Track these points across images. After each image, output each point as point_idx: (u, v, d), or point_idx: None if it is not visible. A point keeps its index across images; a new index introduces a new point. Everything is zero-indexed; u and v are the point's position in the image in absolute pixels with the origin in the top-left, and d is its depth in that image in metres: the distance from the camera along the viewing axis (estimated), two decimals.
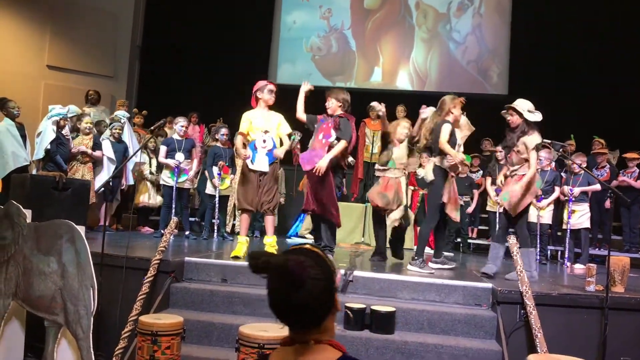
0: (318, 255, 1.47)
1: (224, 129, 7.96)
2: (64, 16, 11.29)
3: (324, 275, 1.44)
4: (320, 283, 1.42)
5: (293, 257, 1.43)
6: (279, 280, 1.41)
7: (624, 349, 4.46)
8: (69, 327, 4.08)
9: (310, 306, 1.42)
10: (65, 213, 4.69)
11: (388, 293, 4.98)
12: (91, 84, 10.36)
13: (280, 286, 1.41)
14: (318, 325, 1.46)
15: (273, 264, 1.41)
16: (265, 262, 1.41)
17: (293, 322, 1.46)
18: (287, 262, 1.40)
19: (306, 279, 1.39)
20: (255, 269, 1.43)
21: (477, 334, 4.57)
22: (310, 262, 1.43)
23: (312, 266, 1.42)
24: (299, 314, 1.43)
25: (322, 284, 1.43)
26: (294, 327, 1.47)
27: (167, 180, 7.43)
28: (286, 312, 1.44)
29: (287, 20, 12.96)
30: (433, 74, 12.37)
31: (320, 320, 1.46)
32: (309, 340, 1.46)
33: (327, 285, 1.45)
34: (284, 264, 1.40)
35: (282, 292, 1.41)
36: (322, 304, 1.44)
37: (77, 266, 4.07)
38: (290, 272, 1.39)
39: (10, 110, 7.15)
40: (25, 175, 5.64)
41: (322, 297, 1.43)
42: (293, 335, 1.49)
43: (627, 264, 5.00)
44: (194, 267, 5.20)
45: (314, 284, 1.41)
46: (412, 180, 8.51)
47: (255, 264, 1.42)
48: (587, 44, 10.84)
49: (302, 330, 1.47)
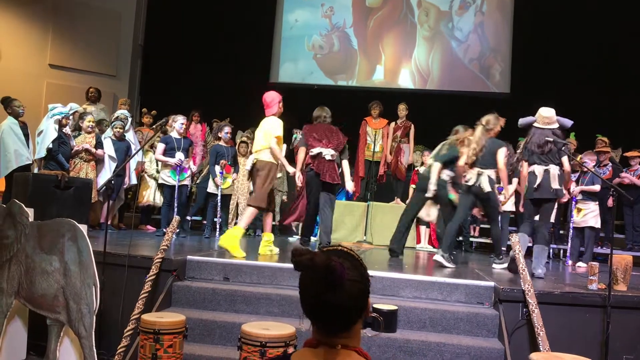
0: (354, 257, 1.48)
1: (227, 128, 7.96)
2: (66, 15, 11.30)
3: (360, 277, 1.45)
4: (358, 285, 1.43)
5: (335, 257, 1.42)
6: (319, 279, 1.39)
7: (627, 348, 4.46)
8: (71, 325, 4.09)
9: (346, 308, 1.41)
10: (68, 212, 4.70)
11: (390, 291, 4.98)
12: (93, 83, 10.36)
13: (320, 285, 1.39)
14: (349, 328, 1.45)
15: (317, 263, 1.40)
16: (310, 260, 1.40)
17: (326, 322, 1.45)
18: (330, 262, 1.39)
19: (345, 280, 1.39)
20: (299, 265, 1.42)
21: (479, 333, 4.56)
22: (348, 264, 1.43)
23: (350, 268, 1.43)
24: (334, 314, 1.42)
25: (359, 286, 1.44)
26: (326, 328, 1.45)
27: (166, 179, 7.42)
28: (321, 311, 1.43)
29: (289, 19, 12.95)
30: (435, 73, 12.35)
31: (351, 324, 1.45)
32: (337, 344, 1.45)
33: (363, 288, 1.45)
34: (328, 263, 1.39)
35: (321, 291, 1.39)
36: (357, 306, 1.44)
37: (79, 265, 4.08)
38: (332, 272, 1.38)
39: (16, 108, 7.16)
40: (28, 174, 5.65)
41: (358, 300, 1.44)
42: (320, 338, 1.47)
43: (629, 263, 5.00)
44: (196, 265, 5.21)
45: (352, 286, 1.41)
46: (414, 179, 8.51)
47: (300, 261, 1.41)
48: (590, 42, 10.82)
49: (332, 333, 1.45)
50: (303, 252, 1.42)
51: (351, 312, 1.43)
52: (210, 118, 10.18)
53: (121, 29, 12.10)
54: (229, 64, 12.25)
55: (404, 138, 9.16)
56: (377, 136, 8.91)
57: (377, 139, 8.91)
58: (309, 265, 1.40)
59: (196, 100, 10.72)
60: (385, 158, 9.13)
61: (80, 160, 7.42)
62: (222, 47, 12.34)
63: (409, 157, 9.15)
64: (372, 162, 9.04)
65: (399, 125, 9.18)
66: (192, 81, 12.06)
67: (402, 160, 9.09)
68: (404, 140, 9.15)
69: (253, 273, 5.16)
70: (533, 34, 11.49)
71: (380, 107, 9.17)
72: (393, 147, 9.15)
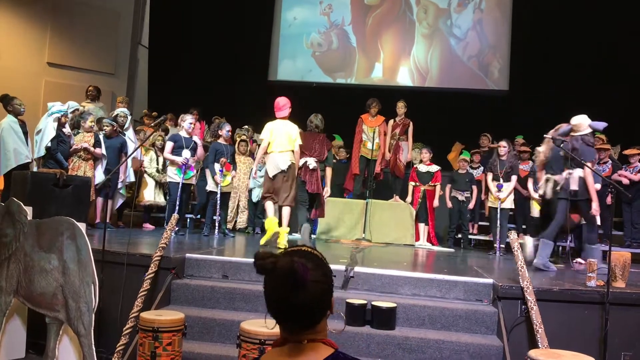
0: (318, 257, 1.50)
1: (228, 126, 7.96)
2: (64, 13, 11.28)
3: (324, 278, 1.47)
4: (321, 286, 1.46)
5: (297, 259, 1.44)
6: (282, 281, 1.42)
7: (625, 344, 4.46)
8: (70, 324, 4.09)
9: (309, 307, 1.44)
10: (66, 210, 4.71)
11: (389, 289, 4.98)
12: (92, 81, 10.35)
13: (283, 287, 1.42)
14: (314, 326, 1.48)
15: (280, 266, 1.42)
16: (272, 263, 1.43)
17: (290, 322, 1.48)
18: (293, 264, 1.42)
19: (308, 281, 1.42)
20: (262, 269, 1.44)
21: (478, 330, 4.57)
22: (312, 265, 1.45)
23: (314, 269, 1.45)
24: (298, 315, 1.45)
25: (322, 286, 1.46)
26: (291, 327, 1.48)
27: (173, 177, 7.40)
28: (285, 313, 1.46)
29: (288, 17, 12.94)
30: (434, 70, 12.35)
31: (316, 322, 1.48)
32: (303, 340, 1.47)
33: (327, 288, 1.48)
34: (291, 266, 1.41)
35: (284, 293, 1.42)
36: (321, 305, 1.47)
37: (78, 263, 4.08)
38: (294, 274, 1.41)
39: (17, 107, 7.15)
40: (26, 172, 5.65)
41: (322, 299, 1.46)
42: (286, 336, 1.50)
43: (628, 259, 5.00)
44: (194, 263, 5.21)
45: (315, 287, 1.43)
46: (412, 176, 8.51)
47: (262, 265, 1.44)
48: (588, 39, 10.82)
49: (298, 331, 1.48)
50: (266, 256, 1.44)
51: (315, 311, 1.46)
52: (209, 116, 10.17)
53: (120, 27, 12.09)
54: (228, 62, 12.25)
55: (403, 136, 9.08)
56: (374, 134, 8.84)
57: (374, 137, 8.85)
58: (272, 269, 1.43)
59: (195, 98, 10.72)
60: (383, 156, 9.05)
61: (79, 159, 7.41)
62: (220, 45, 12.33)
63: (407, 154, 9.08)
64: (369, 159, 8.96)
65: (398, 123, 9.11)
66: (191, 79, 12.07)
67: (401, 158, 9.02)
68: (402, 138, 9.08)
69: (252, 271, 5.15)
70: (532, 31, 11.49)
71: (379, 105, 9.04)
72: (392, 145, 9.08)
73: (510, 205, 7.86)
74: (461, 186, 8.54)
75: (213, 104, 11.05)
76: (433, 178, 8.45)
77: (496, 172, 7.75)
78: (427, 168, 8.48)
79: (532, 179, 7.57)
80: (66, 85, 10.92)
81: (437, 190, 8.48)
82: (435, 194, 8.44)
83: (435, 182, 8.47)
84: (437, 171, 8.48)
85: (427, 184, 8.42)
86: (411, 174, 8.60)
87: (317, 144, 7.05)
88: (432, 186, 8.47)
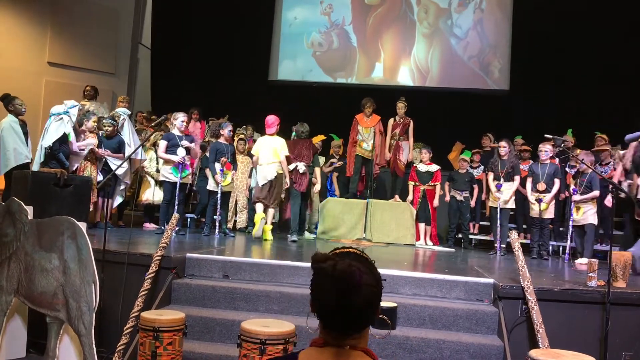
0: (368, 261, 1.50)
1: (230, 126, 7.97)
2: (64, 12, 11.28)
3: (375, 282, 1.47)
4: (373, 289, 1.45)
5: (355, 263, 1.45)
6: (338, 284, 1.41)
7: (626, 344, 4.46)
8: (71, 323, 4.09)
9: (361, 311, 1.43)
10: (67, 209, 4.71)
11: (390, 288, 4.97)
12: (92, 81, 10.35)
13: (339, 290, 1.41)
14: (360, 331, 1.47)
15: (340, 270, 1.42)
16: (332, 267, 1.42)
17: (341, 326, 1.46)
18: (351, 268, 1.41)
19: (362, 285, 1.42)
20: (321, 271, 1.44)
21: (478, 330, 4.57)
22: (365, 269, 1.45)
23: (367, 273, 1.45)
24: (349, 319, 1.44)
25: (374, 291, 1.45)
26: (339, 330, 1.46)
27: (168, 176, 7.40)
28: (338, 317, 1.44)
29: (288, 16, 12.94)
30: (434, 70, 12.35)
31: (365, 326, 1.48)
32: (345, 345, 1.46)
33: (377, 292, 1.47)
34: (350, 269, 1.41)
35: (339, 296, 1.41)
36: (371, 310, 1.46)
37: (78, 262, 4.08)
38: (352, 278, 1.41)
39: (18, 107, 7.14)
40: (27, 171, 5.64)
41: (372, 304, 1.45)
42: (329, 339, 1.48)
43: (628, 259, 5.00)
44: (195, 263, 5.21)
45: (367, 290, 1.43)
46: (412, 176, 8.49)
47: (322, 267, 1.43)
48: (589, 39, 10.82)
49: (345, 335, 1.46)
50: (324, 259, 1.44)
51: (366, 315, 1.45)
52: (209, 116, 10.17)
53: (120, 27, 12.10)
54: (229, 62, 12.25)
55: (403, 135, 9.03)
56: (367, 135, 8.74)
57: (368, 138, 8.75)
58: (332, 272, 1.42)
59: (195, 98, 10.73)
60: (377, 157, 8.95)
61: (88, 161, 7.45)
62: (221, 44, 12.34)
63: (408, 154, 9.05)
64: (365, 159, 8.87)
65: (398, 123, 9.03)
66: (191, 79, 12.07)
67: (401, 157, 8.99)
68: (402, 138, 9.03)
69: (252, 270, 5.16)
70: (532, 31, 11.49)
71: (373, 105, 8.90)
72: (392, 145, 9.02)
73: (511, 205, 7.85)
74: (460, 186, 8.52)
75: (214, 103, 11.06)
76: (433, 178, 8.43)
77: (497, 172, 7.74)
78: (427, 168, 8.46)
79: (530, 178, 7.56)
80: (67, 84, 10.93)
81: (437, 190, 8.46)
82: (435, 194, 8.43)
83: (435, 182, 8.44)
84: (436, 171, 8.47)
85: (426, 184, 8.41)
86: (411, 173, 8.60)
87: (304, 149, 7.82)
88: (432, 186, 8.44)
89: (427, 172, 8.43)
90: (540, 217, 7.36)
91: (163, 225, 7.22)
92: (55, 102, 7.40)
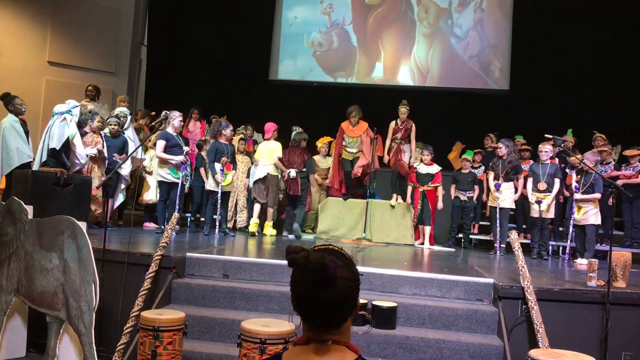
0: (346, 257, 1.52)
1: (231, 126, 7.97)
2: (65, 12, 11.28)
3: (352, 276, 1.48)
4: (349, 283, 1.46)
5: (328, 256, 1.45)
6: (313, 276, 1.42)
7: (626, 344, 4.46)
8: (71, 322, 4.09)
9: (336, 305, 1.44)
10: (67, 209, 4.71)
11: (390, 288, 4.98)
12: (92, 80, 10.34)
13: (313, 282, 1.42)
14: (339, 326, 1.48)
15: (312, 260, 1.42)
16: (305, 258, 1.42)
17: (318, 320, 1.47)
18: (324, 260, 1.42)
19: (337, 277, 1.43)
20: (294, 262, 1.44)
21: (478, 329, 4.57)
22: (340, 262, 1.46)
23: (343, 267, 1.46)
24: (325, 312, 1.44)
25: (350, 285, 1.47)
26: (317, 326, 1.48)
27: (166, 176, 7.39)
28: (313, 310, 1.45)
29: (288, 16, 12.94)
30: (434, 70, 12.35)
31: (343, 321, 1.48)
32: (327, 340, 1.47)
33: (354, 286, 1.49)
34: (322, 261, 1.41)
35: (314, 289, 1.42)
36: (347, 304, 1.47)
37: (78, 262, 4.08)
38: (325, 270, 1.41)
39: (18, 106, 7.14)
40: (27, 171, 5.64)
41: (348, 298, 1.46)
42: (310, 335, 1.49)
43: (628, 259, 5.00)
44: (195, 262, 5.21)
45: (343, 284, 1.44)
46: (411, 177, 8.46)
47: (295, 259, 1.43)
48: (589, 38, 10.82)
49: (323, 330, 1.47)
50: (298, 250, 1.43)
51: (342, 309, 1.46)
52: (210, 115, 10.16)
53: (120, 26, 12.08)
54: (229, 61, 12.25)
55: (405, 139, 8.73)
56: (352, 143, 8.65)
57: (354, 146, 8.65)
58: (304, 263, 1.42)
59: (195, 98, 10.72)
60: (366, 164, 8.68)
61: (95, 162, 7.48)
62: (221, 44, 12.33)
63: (411, 157, 8.79)
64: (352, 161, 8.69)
65: (399, 127, 8.68)
66: (192, 78, 12.06)
67: (404, 158, 8.74)
68: (404, 142, 8.73)
69: (252, 270, 5.16)
70: (532, 30, 11.49)
71: (360, 113, 8.73)
72: (392, 148, 8.73)
73: (510, 205, 7.84)
74: (464, 186, 8.50)
75: (214, 103, 11.04)
76: (433, 179, 8.27)
77: (497, 172, 7.74)
78: (428, 169, 8.30)
79: (531, 178, 7.55)
80: (67, 84, 10.92)
81: (439, 192, 8.27)
82: (436, 196, 8.24)
83: (435, 183, 8.27)
84: (437, 172, 8.32)
85: (426, 185, 8.25)
86: (410, 175, 8.46)
87: (297, 157, 8.31)
88: (432, 187, 8.26)
89: (427, 174, 8.28)
90: (541, 217, 7.36)
91: (162, 225, 7.22)
92: (56, 102, 7.39)
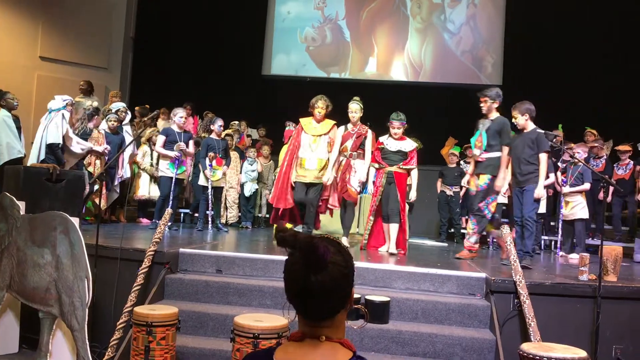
0: (340, 244, 1.48)
1: (219, 120, 7.93)
2: (56, 7, 11.19)
3: (344, 262, 1.44)
4: (341, 269, 1.42)
5: (318, 238, 1.44)
6: (302, 258, 1.40)
7: (617, 338, 4.50)
8: (63, 318, 4.09)
9: (328, 291, 1.40)
10: (60, 204, 4.68)
11: (382, 283, 5.00)
12: (84, 75, 10.27)
13: (303, 265, 1.40)
14: (332, 317, 1.45)
15: (300, 240, 1.41)
16: (293, 236, 1.42)
17: (308, 308, 1.44)
18: (313, 240, 1.41)
19: (329, 261, 1.39)
20: (282, 241, 1.43)
21: (471, 323, 4.60)
22: (333, 249, 1.43)
23: (335, 252, 1.43)
24: (316, 298, 1.41)
25: (343, 271, 1.43)
26: (309, 313, 1.45)
27: (165, 171, 7.38)
28: (304, 295, 1.41)
29: (282, 11, 12.90)
30: (427, 65, 12.35)
31: (334, 312, 1.45)
32: (320, 335, 1.45)
33: (347, 273, 1.45)
34: (311, 241, 1.40)
35: (304, 271, 1.39)
36: (340, 291, 1.43)
37: (71, 258, 4.07)
38: (314, 251, 1.39)
39: (10, 101, 7.10)
40: (19, 166, 5.60)
41: (341, 285, 1.43)
42: (304, 329, 1.47)
43: (619, 253, 5.04)
44: (188, 258, 5.21)
45: (335, 269, 1.41)
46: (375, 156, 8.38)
47: (283, 237, 1.43)
48: (582, 34, 10.85)
49: (316, 322, 1.45)
50: (287, 229, 1.44)
51: (334, 296, 1.42)
52: (203, 111, 10.14)
53: (112, 21, 12.02)
54: (222, 56, 12.20)
55: (357, 151, 6.52)
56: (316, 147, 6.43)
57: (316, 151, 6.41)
58: (292, 242, 1.42)
59: (188, 93, 10.69)
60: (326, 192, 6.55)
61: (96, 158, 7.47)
62: (214, 39, 12.27)
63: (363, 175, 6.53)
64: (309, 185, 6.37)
65: (350, 132, 6.54)
66: (184, 73, 12.01)
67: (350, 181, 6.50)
68: (356, 155, 6.51)
69: (246, 265, 5.17)
70: (525, 26, 11.51)
71: (328, 105, 6.53)
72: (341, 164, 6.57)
73: (503, 200, 7.87)
74: (450, 180, 8.51)
75: (207, 98, 11.00)
76: (406, 159, 6.31)
77: None
78: (398, 145, 6.33)
79: None
80: (59, 79, 10.85)
81: (414, 177, 6.43)
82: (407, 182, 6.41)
83: (408, 165, 6.27)
84: (412, 149, 6.32)
85: (395, 165, 6.31)
86: (374, 152, 6.48)
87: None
88: (404, 170, 6.30)
89: (397, 152, 6.33)
90: None
91: (157, 221, 7.20)
92: (48, 97, 7.36)
